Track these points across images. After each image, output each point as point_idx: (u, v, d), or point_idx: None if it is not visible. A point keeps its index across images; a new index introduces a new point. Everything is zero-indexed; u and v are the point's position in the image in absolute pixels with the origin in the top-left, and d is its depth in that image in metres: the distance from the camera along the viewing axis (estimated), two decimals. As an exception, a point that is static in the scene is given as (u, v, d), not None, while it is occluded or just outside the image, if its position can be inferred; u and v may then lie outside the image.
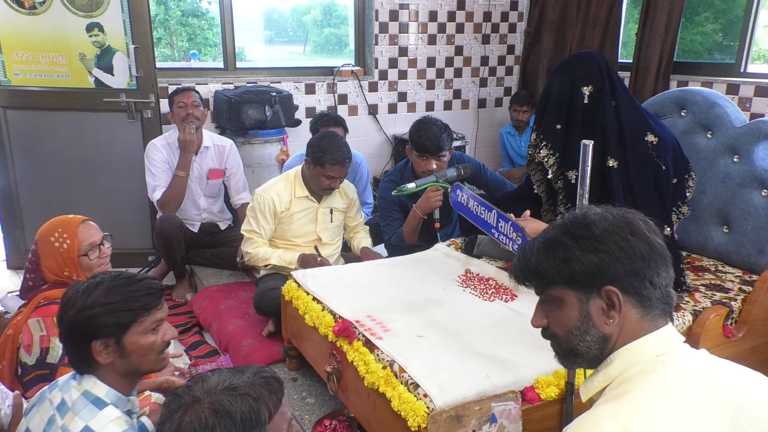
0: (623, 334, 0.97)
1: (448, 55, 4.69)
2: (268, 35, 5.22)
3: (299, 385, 2.21)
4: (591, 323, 0.98)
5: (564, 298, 1.00)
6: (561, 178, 2.01)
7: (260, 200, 2.59)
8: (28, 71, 3.28)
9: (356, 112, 4.43)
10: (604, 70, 1.95)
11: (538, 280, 1.04)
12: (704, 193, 2.31)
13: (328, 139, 2.53)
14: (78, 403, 1.26)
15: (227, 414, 0.94)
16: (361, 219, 2.87)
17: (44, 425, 1.29)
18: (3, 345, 1.83)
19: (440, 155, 2.59)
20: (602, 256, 0.95)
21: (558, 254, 0.99)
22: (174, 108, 3.17)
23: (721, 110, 2.29)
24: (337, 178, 2.54)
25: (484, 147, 4.99)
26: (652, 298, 0.96)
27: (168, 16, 5.80)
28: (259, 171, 3.81)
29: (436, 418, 1.33)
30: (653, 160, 1.94)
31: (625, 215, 1.00)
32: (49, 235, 1.88)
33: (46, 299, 1.84)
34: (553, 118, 1.98)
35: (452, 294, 1.98)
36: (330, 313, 1.84)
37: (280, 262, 2.56)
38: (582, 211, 1.03)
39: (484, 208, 1.98)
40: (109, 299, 1.28)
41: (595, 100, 1.93)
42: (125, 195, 3.47)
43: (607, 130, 1.92)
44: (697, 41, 4.22)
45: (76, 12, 3.20)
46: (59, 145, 3.38)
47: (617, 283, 0.95)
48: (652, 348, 0.96)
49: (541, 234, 1.04)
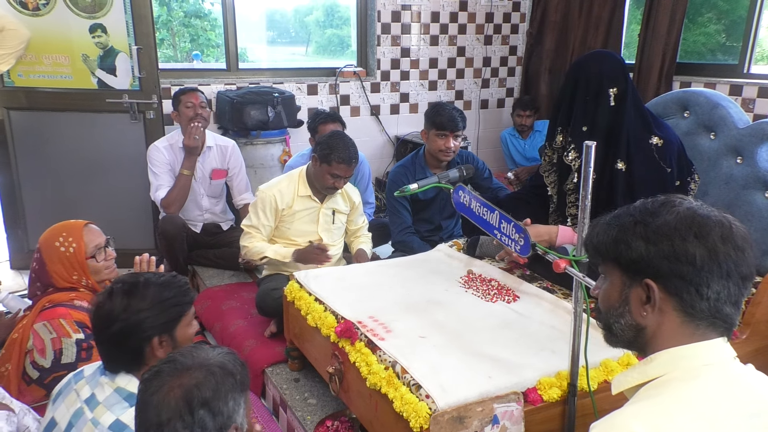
0: (661, 333, 0.94)
1: (450, 56, 4.69)
2: (270, 36, 5.23)
3: (301, 385, 2.21)
4: (627, 308, 0.97)
5: (612, 275, 0.99)
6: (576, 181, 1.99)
7: (262, 196, 2.59)
8: (32, 72, 3.29)
9: (358, 112, 4.43)
10: (626, 71, 1.93)
11: (593, 251, 1.03)
12: (707, 194, 2.31)
13: (338, 138, 2.54)
14: (111, 398, 1.31)
15: (230, 372, 1.09)
16: (363, 224, 2.87)
17: (70, 416, 1.33)
18: (9, 348, 1.83)
19: (457, 134, 2.74)
20: (650, 248, 0.92)
21: (612, 232, 0.97)
22: (181, 107, 3.17)
23: (724, 111, 2.29)
24: (341, 178, 2.54)
25: (486, 148, 4.99)
26: (695, 307, 0.91)
27: (170, 17, 5.81)
28: (261, 171, 3.82)
29: (438, 419, 1.33)
30: (658, 162, 1.93)
31: (706, 216, 0.92)
32: (53, 240, 1.89)
33: (50, 302, 1.85)
34: (580, 121, 1.94)
35: (454, 295, 1.98)
36: (332, 314, 1.83)
37: (276, 255, 2.56)
38: (666, 197, 0.98)
39: (486, 209, 1.97)
40: (163, 296, 1.38)
41: (618, 102, 1.91)
42: (128, 195, 3.48)
43: (621, 133, 1.91)
44: (700, 42, 4.21)
45: (80, 13, 3.21)
46: (62, 146, 3.39)
47: (660, 280, 0.92)
48: (697, 356, 0.92)
49: (618, 210, 1.02)
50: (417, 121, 4.44)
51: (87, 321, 1.82)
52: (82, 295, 1.90)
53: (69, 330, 1.77)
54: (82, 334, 1.78)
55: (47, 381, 1.75)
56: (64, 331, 1.76)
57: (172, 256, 3.16)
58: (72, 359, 1.75)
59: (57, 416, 1.37)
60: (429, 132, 2.80)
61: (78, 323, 1.80)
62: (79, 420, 1.31)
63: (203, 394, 1.02)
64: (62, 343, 1.75)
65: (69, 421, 1.33)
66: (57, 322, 1.77)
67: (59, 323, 1.77)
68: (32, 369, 1.77)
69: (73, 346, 1.76)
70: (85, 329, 1.79)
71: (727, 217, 0.94)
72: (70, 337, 1.76)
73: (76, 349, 1.76)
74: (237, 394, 1.07)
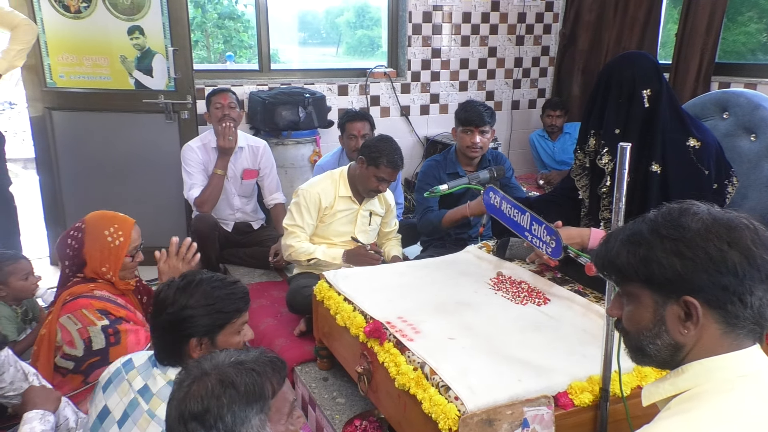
0: (699, 347, 0.90)
1: (481, 56, 4.66)
2: (301, 37, 5.28)
3: (330, 384, 2.22)
4: (664, 328, 0.91)
5: (640, 296, 0.93)
6: (610, 184, 1.97)
7: (306, 195, 2.61)
8: (73, 73, 3.39)
9: (388, 113, 4.44)
10: (660, 72, 1.90)
11: (615, 273, 0.96)
12: (747, 197, 2.24)
13: (386, 142, 2.58)
14: (164, 390, 1.34)
15: (232, 385, 1.00)
16: (395, 226, 2.90)
17: (125, 406, 1.36)
18: (39, 344, 1.88)
19: (483, 129, 2.76)
20: (687, 263, 0.86)
21: (639, 252, 0.91)
22: (211, 108, 3.24)
23: (765, 113, 2.22)
24: (386, 182, 2.57)
25: (517, 149, 4.94)
26: (739, 316, 0.88)
27: (205, 19, 5.92)
28: (291, 172, 3.86)
29: (468, 422, 1.32)
30: (695, 164, 1.89)
31: (730, 220, 0.89)
32: (104, 228, 1.93)
33: (71, 295, 1.89)
34: (613, 123, 1.91)
35: (483, 297, 1.97)
36: (361, 314, 1.84)
37: (325, 256, 2.58)
38: (681, 206, 0.93)
39: (518, 211, 1.96)
40: (209, 301, 1.38)
41: (653, 103, 1.87)
42: (162, 194, 3.55)
43: (656, 134, 1.87)
44: (740, 41, 4.09)
45: (119, 15, 3.30)
46: (100, 146, 3.48)
47: (700, 294, 0.87)
48: (731, 367, 0.88)
49: (630, 224, 0.96)
50: (447, 122, 4.42)
51: (109, 308, 1.87)
52: (101, 286, 1.94)
53: (93, 318, 1.81)
54: (107, 320, 1.82)
55: (83, 367, 1.81)
56: (88, 320, 1.81)
57: (204, 254, 3.20)
58: (102, 345, 1.80)
59: (110, 404, 1.40)
60: (457, 129, 2.85)
61: (100, 311, 1.84)
62: (135, 410, 1.34)
63: (191, 408, 0.99)
64: (89, 332, 1.80)
65: (125, 411, 1.36)
66: (80, 313, 1.82)
67: (82, 314, 1.82)
68: (65, 361, 1.82)
69: (99, 332, 1.80)
70: (109, 315, 1.84)
71: (749, 218, 0.90)
72: (95, 325, 1.80)
73: (103, 335, 1.80)
74: (240, 406, 1.00)
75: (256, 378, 1.02)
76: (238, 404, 0.99)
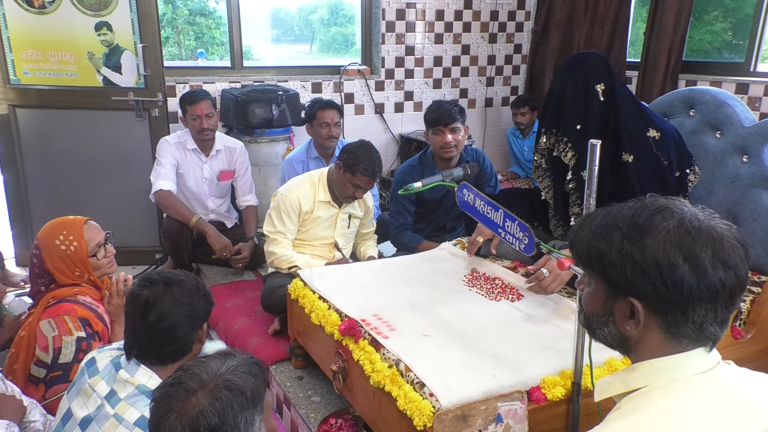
0: (644, 344, 0.93)
1: (454, 54, 4.68)
2: (274, 34, 5.23)
3: (305, 383, 2.21)
4: (611, 319, 0.95)
5: (595, 283, 0.97)
6: (575, 179, 2.00)
7: (285, 200, 2.56)
8: (38, 70, 3.31)
9: (363, 111, 4.43)
10: (610, 67, 1.95)
11: (577, 256, 0.98)
12: (712, 193, 2.30)
13: (365, 149, 2.53)
14: (133, 395, 1.35)
15: (239, 390, 1.02)
16: (373, 227, 2.90)
17: (88, 411, 1.35)
18: (18, 346, 1.83)
19: (454, 126, 2.72)
20: (636, 270, 0.88)
21: (599, 245, 0.92)
22: (187, 118, 3.17)
23: (730, 110, 2.27)
24: (362, 189, 2.54)
25: (491, 146, 4.98)
26: (679, 327, 0.89)
27: (175, 15, 5.82)
28: (265, 170, 3.82)
29: (442, 418, 1.33)
30: (656, 155, 1.94)
31: (698, 230, 0.87)
32: (53, 238, 1.88)
33: (54, 298, 1.85)
34: (572, 119, 1.95)
35: (458, 293, 1.98)
36: (336, 312, 1.84)
37: (306, 266, 2.52)
38: (660, 203, 0.92)
39: (491, 208, 1.97)
40: (206, 288, 1.55)
41: (608, 97, 1.92)
42: (133, 193, 3.49)
43: (620, 127, 1.91)
44: (706, 40, 4.19)
45: (85, 11, 3.22)
46: (67, 144, 3.40)
47: (644, 300, 0.89)
48: (681, 367, 0.90)
49: (606, 210, 0.96)
50: (421, 120, 4.37)
51: (91, 318, 1.83)
52: (85, 290, 1.90)
53: (71, 327, 1.77)
54: (84, 333, 1.78)
55: (47, 378, 1.76)
56: (66, 328, 1.77)
57: (176, 253, 3.17)
58: (69, 359, 1.75)
59: (74, 407, 1.39)
60: (428, 132, 2.82)
61: (81, 320, 1.80)
62: (99, 414, 1.34)
63: (209, 422, 0.98)
64: (62, 341, 1.75)
65: (87, 415, 1.35)
66: (61, 319, 1.77)
67: (63, 320, 1.77)
68: (38, 369, 1.78)
69: (72, 344, 1.76)
70: (86, 328, 1.80)
71: (722, 228, 0.88)
72: (72, 335, 1.76)
73: (74, 348, 1.76)
74: (249, 411, 1.02)
75: (254, 381, 1.06)
76: (249, 410, 1.02)
